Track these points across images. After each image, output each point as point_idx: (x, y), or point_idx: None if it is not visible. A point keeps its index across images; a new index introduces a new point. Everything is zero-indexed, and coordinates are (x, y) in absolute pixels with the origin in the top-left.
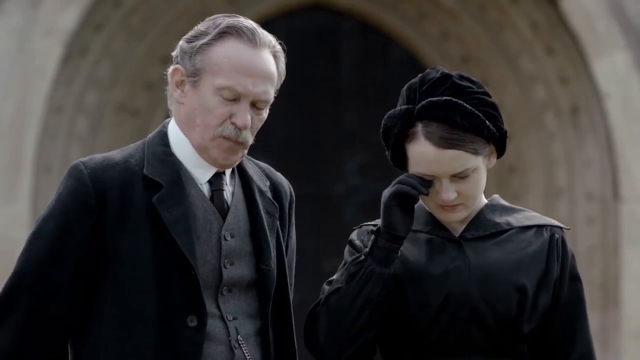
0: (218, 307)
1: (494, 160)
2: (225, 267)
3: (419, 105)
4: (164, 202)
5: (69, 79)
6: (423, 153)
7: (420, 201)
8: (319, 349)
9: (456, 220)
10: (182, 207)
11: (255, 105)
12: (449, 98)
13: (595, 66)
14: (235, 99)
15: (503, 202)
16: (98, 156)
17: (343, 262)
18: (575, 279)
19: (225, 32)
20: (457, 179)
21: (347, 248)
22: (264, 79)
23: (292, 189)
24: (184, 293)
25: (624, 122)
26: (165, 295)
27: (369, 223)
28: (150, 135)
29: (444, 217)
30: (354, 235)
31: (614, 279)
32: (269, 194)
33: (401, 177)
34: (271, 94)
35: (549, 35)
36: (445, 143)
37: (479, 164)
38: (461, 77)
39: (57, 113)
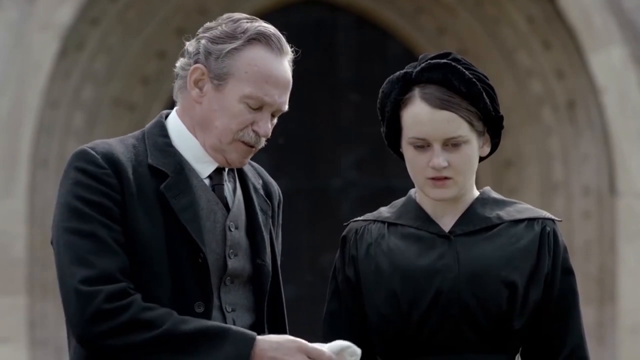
0: (219, 297)
1: (487, 149)
2: (229, 258)
3: (419, 67)
4: (171, 190)
5: (65, 73)
6: (418, 114)
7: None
8: None
9: (445, 198)
10: (187, 196)
11: (272, 114)
12: (449, 61)
13: (591, 60)
14: (260, 107)
15: (494, 194)
16: (99, 142)
17: (334, 263)
18: (568, 272)
19: (254, 39)
20: (449, 147)
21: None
22: (286, 89)
23: (280, 192)
24: (193, 279)
25: (620, 117)
26: (177, 280)
27: (358, 219)
28: (148, 126)
29: (433, 193)
30: (345, 233)
31: (610, 273)
32: (262, 192)
33: None
34: (287, 103)
35: (545, 29)
36: (441, 103)
37: (472, 139)
38: (463, 58)
39: (54, 108)
